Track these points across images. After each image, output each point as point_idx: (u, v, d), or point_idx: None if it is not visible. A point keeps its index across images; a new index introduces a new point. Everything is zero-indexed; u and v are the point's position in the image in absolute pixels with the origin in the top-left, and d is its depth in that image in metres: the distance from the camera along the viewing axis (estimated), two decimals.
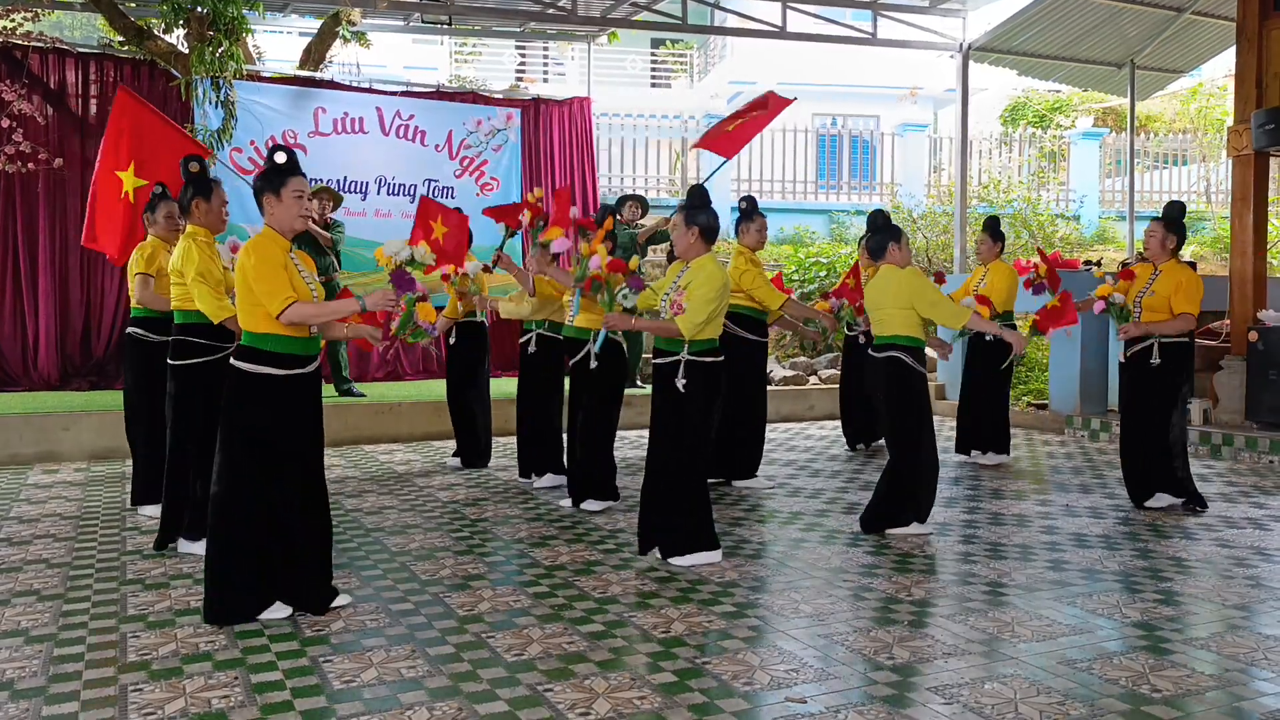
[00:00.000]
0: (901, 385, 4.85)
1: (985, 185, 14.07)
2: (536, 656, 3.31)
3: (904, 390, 4.85)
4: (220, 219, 4.61)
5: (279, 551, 3.63)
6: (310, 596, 3.70)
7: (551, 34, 12.15)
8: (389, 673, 3.16)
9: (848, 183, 15.31)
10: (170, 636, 3.49)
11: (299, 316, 3.52)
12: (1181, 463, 5.53)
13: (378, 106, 10.16)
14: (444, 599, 3.92)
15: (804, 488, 6.22)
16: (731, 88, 19.81)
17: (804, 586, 4.12)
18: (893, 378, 4.86)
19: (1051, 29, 10.49)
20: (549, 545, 4.80)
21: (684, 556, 4.41)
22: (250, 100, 9.38)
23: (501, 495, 6.00)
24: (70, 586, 4.09)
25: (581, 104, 11.37)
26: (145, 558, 4.53)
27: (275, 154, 3.66)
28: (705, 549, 4.44)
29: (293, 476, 3.63)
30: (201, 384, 4.46)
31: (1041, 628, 3.61)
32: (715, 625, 3.62)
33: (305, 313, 3.53)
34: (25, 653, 3.34)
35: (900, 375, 4.85)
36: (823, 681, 3.11)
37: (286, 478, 3.62)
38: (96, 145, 9.03)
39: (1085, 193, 15.33)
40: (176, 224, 5.04)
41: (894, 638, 3.50)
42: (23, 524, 5.19)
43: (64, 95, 9.04)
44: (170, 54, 9.11)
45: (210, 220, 4.56)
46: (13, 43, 8.51)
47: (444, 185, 10.40)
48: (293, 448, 3.63)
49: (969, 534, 5.04)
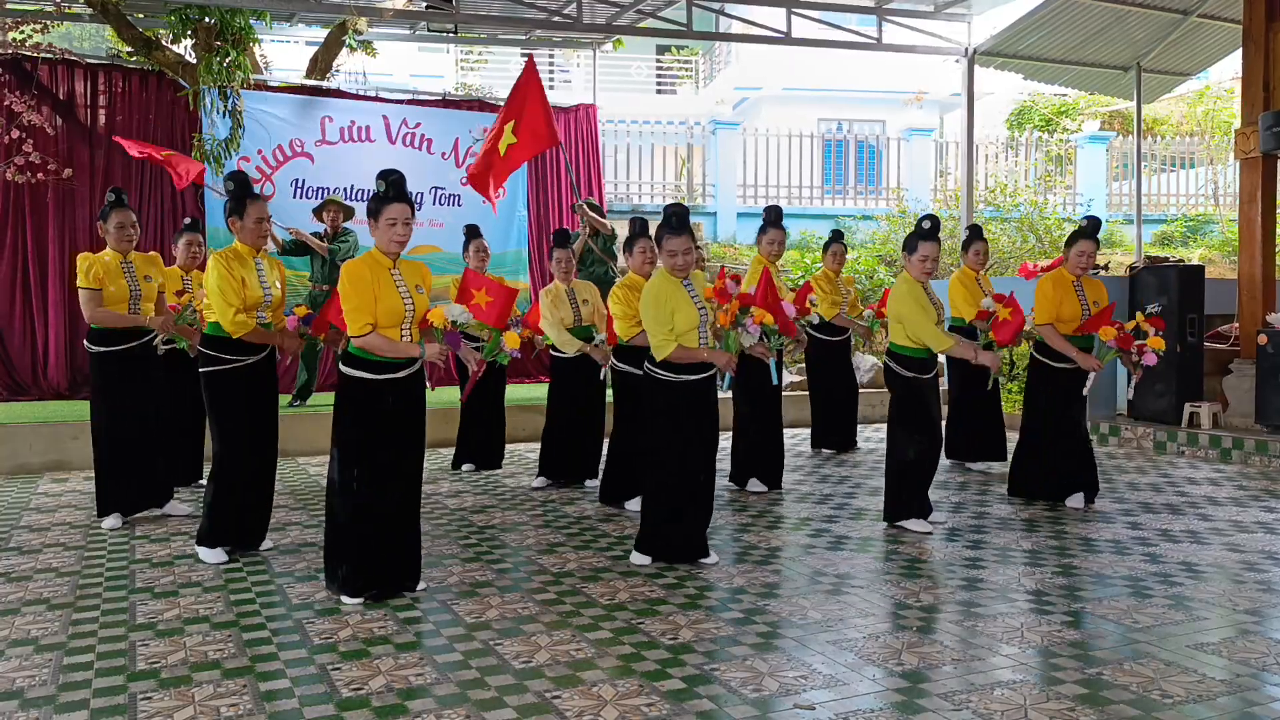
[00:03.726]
0: (890, 388, 5.21)
1: (991, 190, 14.05)
2: (545, 664, 3.30)
3: (892, 394, 5.20)
4: (257, 235, 4.58)
5: (379, 536, 3.98)
6: (404, 576, 4.08)
7: (557, 41, 12.18)
8: (397, 680, 3.16)
9: (854, 188, 15.29)
10: (179, 645, 3.49)
11: (367, 344, 3.89)
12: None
13: (384, 115, 10.20)
14: (452, 606, 3.92)
15: (812, 493, 6.21)
16: (737, 93, 19.85)
17: (812, 592, 4.11)
18: (886, 382, 5.24)
19: (1058, 32, 10.48)
20: (557, 552, 4.79)
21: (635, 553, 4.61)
22: (257, 109, 9.43)
23: (509, 502, 6.00)
24: (80, 595, 4.10)
25: (587, 111, 11.40)
26: (154, 566, 4.54)
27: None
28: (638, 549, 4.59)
29: (387, 468, 3.96)
30: (229, 390, 4.56)
31: (1050, 633, 3.59)
32: (724, 631, 3.62)
33: (374, 343, 3.89)
34: (35, 661, 3.35)
35: (888, 380, 5.21)
36: (832, 688, 3.10)
37: (382, 470, 3.96)
38: (105, 155, 9.16)
39: (1092, 196, 15.30)
40: (128, 234, 5.17)
41: (903, 644, 3.49)
42: (33, 533, 5.21)
43: (73, 106, 9.10)
44: (178, 64, 9.17)
45: (246, 237, 4.57)
46: (22, 54, 8.57)
47: (450, 193, 10.43)
48: (386, 443, 3.95)
49: (977, 539, 5.02)
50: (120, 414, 5.22)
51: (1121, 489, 6.28)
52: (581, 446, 6.35)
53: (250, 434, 4.59)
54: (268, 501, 4.76)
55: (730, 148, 14.25)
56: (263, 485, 4.69)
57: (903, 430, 5.14)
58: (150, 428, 5.32)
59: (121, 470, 5.27)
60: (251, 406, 4.59)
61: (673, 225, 4.42)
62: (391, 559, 4.03)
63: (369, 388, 3.93)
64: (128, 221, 5.18)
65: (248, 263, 4.55)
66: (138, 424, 5.25)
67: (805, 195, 14.75)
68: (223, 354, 4.52)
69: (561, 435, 6.36)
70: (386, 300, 3.89)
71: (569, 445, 6.35)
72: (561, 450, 6.38)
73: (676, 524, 4.48)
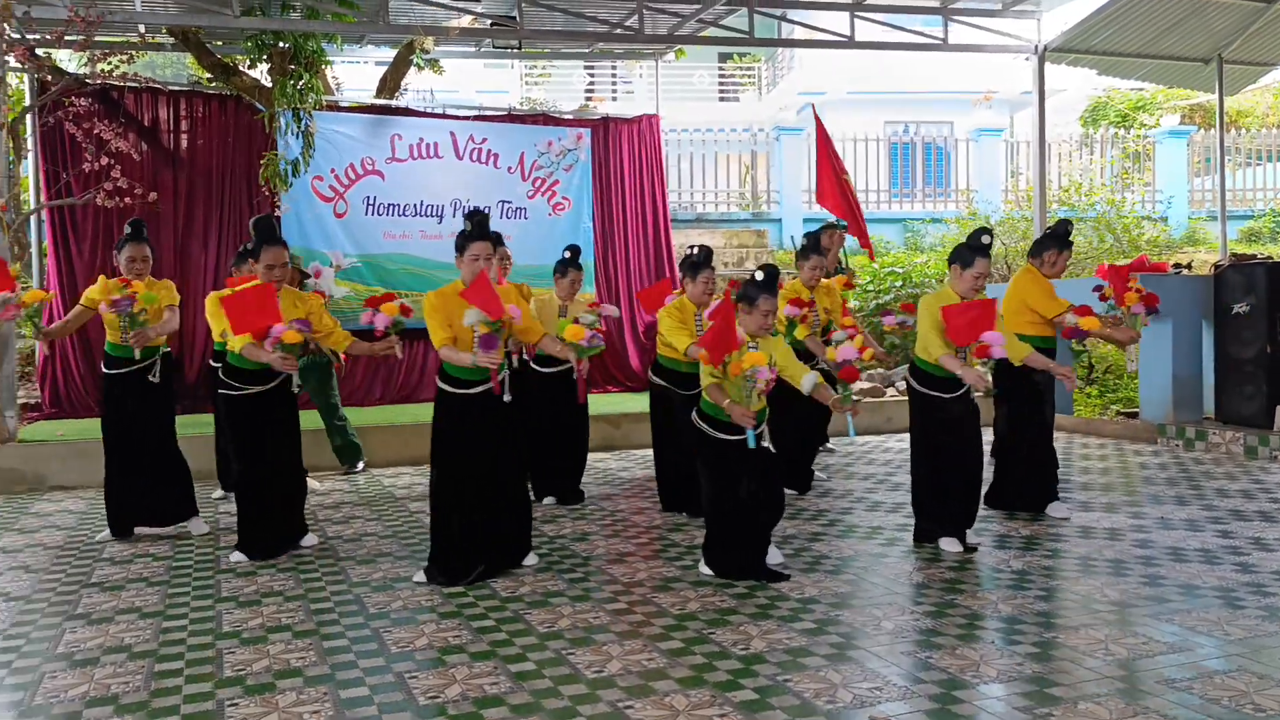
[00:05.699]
0: (910, 402, 5.07)
1: (1065, 189, 13.71)
2: (617, 673, 3.32)
3: (911, 407, 5.04)
4: (269, 279, 4.83)
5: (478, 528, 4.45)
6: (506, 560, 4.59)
7: (619, 53, 12.26)
8: (472, 689, 3.21)
9: (921, 190, 15.08)
10: (263, 653, 3.60)
11: (443, 354, 4.43)
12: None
13: (451, 131, 10.38)
14: (524, 616, 3.96)
15: (883, 502, 6.12)
16: (800, 99, 19.71)
17: (886, 603, 4.05)
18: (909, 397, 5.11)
19: (1132, 26, 10.18)
20: (626, 561, 4.81)
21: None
22: (330, 129, 9.69)
23: (578, 512, 6.04)
24: (169, 604, 4.25)
25: (650, 121, 11.45)
26: (238, 575, 4.68)
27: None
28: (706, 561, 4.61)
29: (479, 468, 4.43)
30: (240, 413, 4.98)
31: (1138, 645, 3.48)
32: (796, 642, 3.59)
33: (446, 353, 4.41)
34: (128, 668, 3.48)
35: (909, 394, 5.06)
36: (907, 700, 3.05)
37: (474, 470, 4.43)
38: (187, 178, 9.50)
39: (1173, 193, 14.83)
40: (137, 267, 5.39)
41: (980, 656, 3.42)
42: (123, 544, 5.42)
43: (157, 132, 9.46)
44: (254, 88, 9.46)
45: (261, 278, 4.87)
46: (110, 84, 8.94)
47: (516, 206, 10.56)
48: (473, 445, 4.42)
49: (1057, 548, 4.89)
50: (120, 434, 5.40)
51: (1210, 496, 6.06)
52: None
53: (264, 452, 4.97)
54: (291, 510, 5.14)
55: (795, 153, 14.17)
56: (284, 496, 5.07)
57: (916, 448, 5.01)
58: (149, 448, 5.42)
59: (124, 487, 5.44)
60: (262, 428, 4.97)
61: (766, 286, 4.33)
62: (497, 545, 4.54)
63: (451, 398, 4.45)
64: (139, 255, 5.40)
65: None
66: (138, 443, 5.40)
67: (872, 199, 14.58)
68: (234, 381, 4.95)
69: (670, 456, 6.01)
70: (459, 327, 4.37)
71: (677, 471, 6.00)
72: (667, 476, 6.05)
73: (735, 549, 4.47)
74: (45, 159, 9.00)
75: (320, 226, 9.73)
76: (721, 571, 4.47)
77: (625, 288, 11.11)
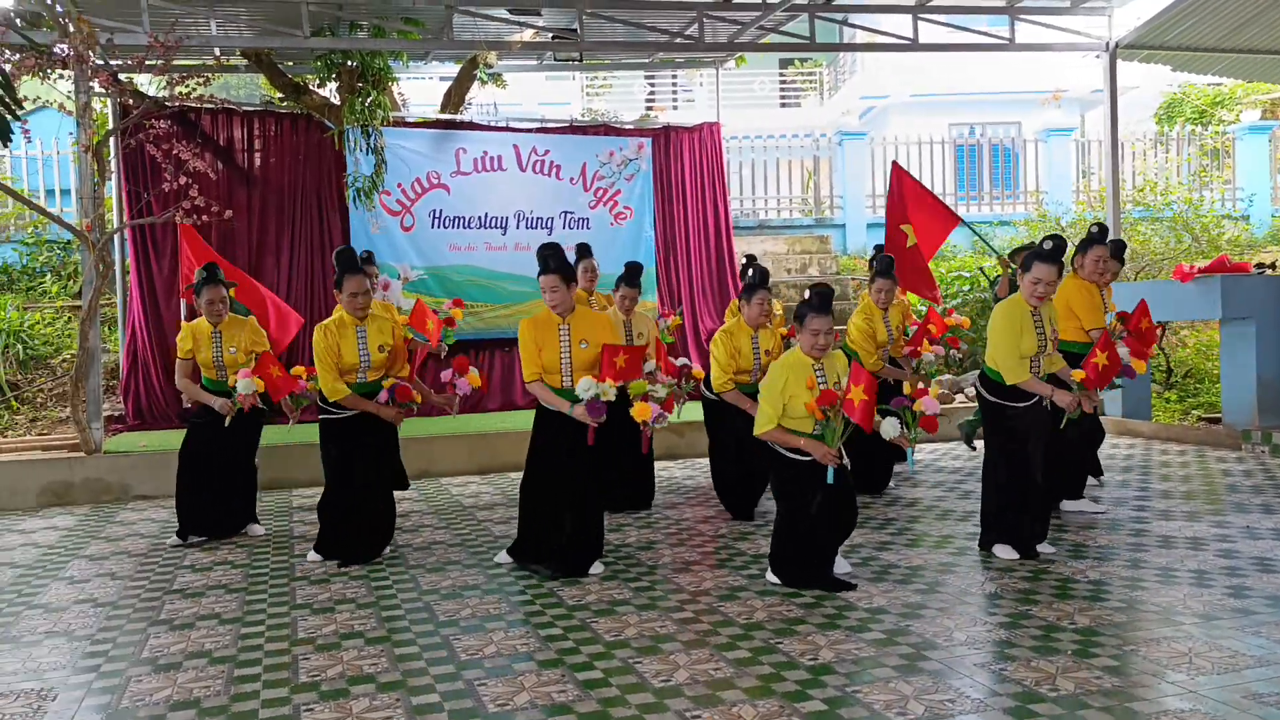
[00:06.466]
0: (981, 409, 5.05)
1: (1140, 189, 13.32)
2: (684, 683, 3.31)
3: (983, 416, 5.02)
4: (354, 308, 5.08)
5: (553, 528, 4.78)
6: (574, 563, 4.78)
7: (680, 62, 12.28)
8: (540, 696, 3.23)
9: (989, 193, 14.78)
10: (337, 659, 3.67)
11: (533, 390, 4.79)
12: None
13: (515, 144, 10.51)
14: (591, 624, 3.98)
15: (954, 510, 6.01)
16: (863, 103, 19.53)
17: (957, 613, 3.97)
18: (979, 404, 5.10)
19: (1208, 20, 9.86)
20: (692, 570, 4.80)
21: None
22: (396, 145, 9.88)
23: (644, 520, 6.04)
24: (247, 610, 4.37)
25: (711, 129, 11.44)
26: (312, 583, 4.79)
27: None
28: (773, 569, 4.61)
29: (559, 475, 4.77)
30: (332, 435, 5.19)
31: (1223, 659, 3.36)
32: (865, 652, 3.54)
33: (537, 391, 4.76)
34: (209, 673, 3.58)
35: (979, 401, 5.05)
36: (982, 713, 2.99)
37: (553, 476, 4.78)
38: (261, 196, 9.78)
39: (1254, 190, 14.31)
40: (217, 309, 5.68)
41: (1057, 668, 3.33)
42: (203, 551, 5.59)
43: (231, 151, 9.76)
44: (324, 106, 9.71)
45: (346, 307, 5.10)
46: (187, 105, 9.25)
47: (579, 217, 10.64)
48: (554, 456, 4.78)
49: (1137, 558, 4.75)
50: (194, 453, 5.80)
51: None
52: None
53: (352, 475, 5.19)
54: (373, 524, 5.28)
55: (858, 158, 14.02)
56: (366, 511, 5.22)
57: (988, 455, 4.97)
58: (223, 465, 5.78)
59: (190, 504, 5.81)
60: (351, 449, 5.18)
61: (815, 305, 4.39)
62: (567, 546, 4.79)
63: (543, 415, 4.81)
64: (217, 298, 5.71)
65: (347, 331, 5.10)
66: (211, 461, 5.76)
67: None
68: (330, 408, 5.17)
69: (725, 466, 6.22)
70: (548, 353, 4.66)
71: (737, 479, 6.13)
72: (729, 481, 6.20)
73: (803, 560, 4.45)
74: (127, 180, 9.35)
75: (388, 240, 9.93)
76: (789, 581, 4.44)
77: (688, 296, 11.11)
